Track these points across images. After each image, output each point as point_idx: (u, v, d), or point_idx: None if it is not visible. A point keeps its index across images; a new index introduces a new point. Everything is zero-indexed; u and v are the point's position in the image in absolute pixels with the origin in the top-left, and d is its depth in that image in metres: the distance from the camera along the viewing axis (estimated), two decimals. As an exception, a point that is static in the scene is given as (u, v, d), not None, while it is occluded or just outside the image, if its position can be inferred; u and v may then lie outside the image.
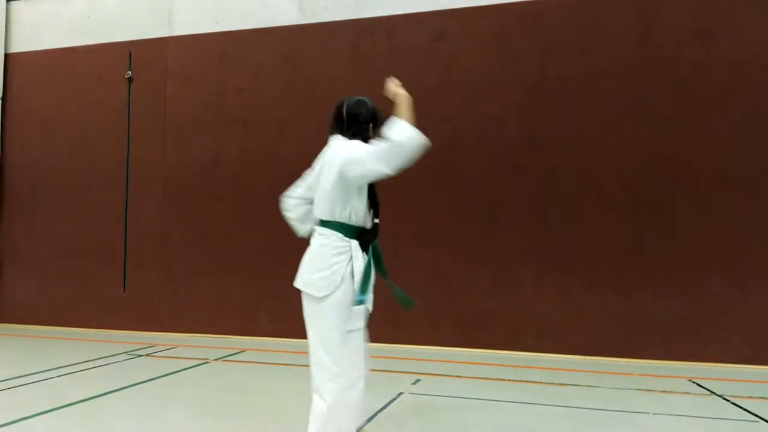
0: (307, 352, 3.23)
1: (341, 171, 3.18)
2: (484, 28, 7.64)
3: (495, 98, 7.55)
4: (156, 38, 8.93)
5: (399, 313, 7.65)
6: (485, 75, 7.60)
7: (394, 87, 3.34)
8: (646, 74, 7.12)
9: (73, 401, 4.83)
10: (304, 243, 3.33)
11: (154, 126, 8.85)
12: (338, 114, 3.42)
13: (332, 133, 3.43)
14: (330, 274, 3.17)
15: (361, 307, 3.23)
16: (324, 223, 3.29)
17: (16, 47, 9.71)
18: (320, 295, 3.16)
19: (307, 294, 3.23)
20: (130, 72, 9.00)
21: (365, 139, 3.35)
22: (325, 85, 8.07)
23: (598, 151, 7.21)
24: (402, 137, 3.08)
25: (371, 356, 3.34)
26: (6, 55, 9.67)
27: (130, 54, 9.05)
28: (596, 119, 7.23)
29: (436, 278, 7.59)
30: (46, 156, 9.39)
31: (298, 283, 3.29)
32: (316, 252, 3.27)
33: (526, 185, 7.40)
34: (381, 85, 7.74)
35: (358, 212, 3.28)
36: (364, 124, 3.38)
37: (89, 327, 8.92)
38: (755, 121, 6.82)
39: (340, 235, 3.24)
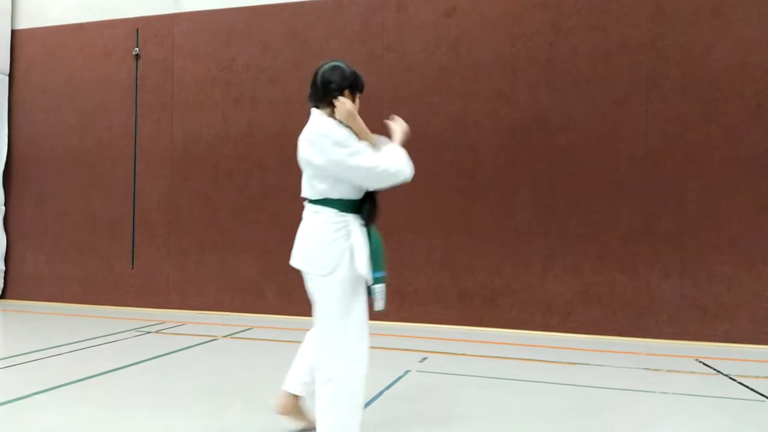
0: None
1: (332, 161, 3.10)
2: (494, 4, 7.55)
3: (505, 75, 7.48)
4: (163, 14, 8.88)
5: (407, 291, 7.71)
6: (496, 51, 7.52)
7: (398, 125, 3.39)
8: (658, 52, 7.04)
9: (82, 377, 4.87)
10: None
11: (162, 102, 8.83)
12: (314, 82, 3.28)
13: (310, 102, 3.32)
14: (331, 251, 3.14)
15: (369, 284, 3.18)
16: (316, 202, 3.23)
17: (23, 23, 9.67)
18: (324, 273, 3.14)
19: (309, 273, 3.22)
20: (137, 48, 8.97)
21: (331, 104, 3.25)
22: (334, 61, 8.03)
23: (608, 129, 7.16)
24: (398, 166, 3.14)
25: (371, 333, 3.30)
26: (13, 32, 9.64)
27: (137, 30, 9.00)
28: (607, 97, 7.17)
29: (445, 256, 7.59)
30: (53, 132, 9.40)
31: (297, 263, 3.29)
32: (314, 230, 3.22)
33: (536, 163, 7.36)
34: (390, 62, 7.78)
35: (350, 187, 3.20)
36: (336, 92, 3.22)
37: (98, 304, 8.99)
38: (767, 100, 6.75)
39: (335, 210, 3.18)
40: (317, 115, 3.25)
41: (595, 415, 4.14)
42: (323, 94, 3.24)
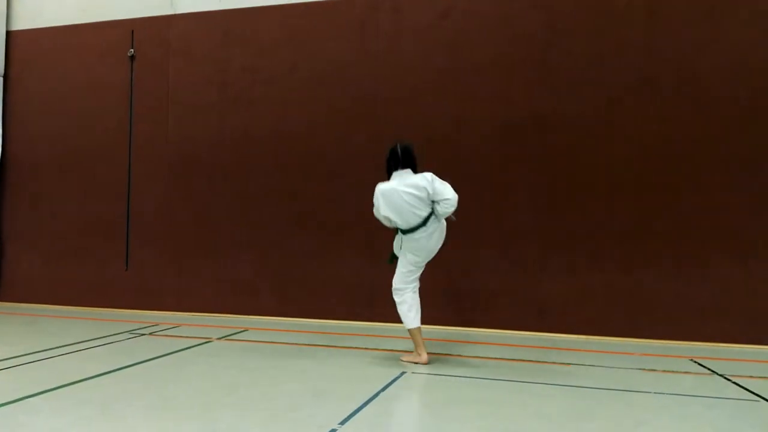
0: (307, 332, 3.26)
1: (431, 194, 5.40)
2: (490, 5, 7.57)
3: (501, 76, 7.50)
4: (159, 16, 8.87)
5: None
6: (492, 53, 7.54)
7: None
8: (652, 53, 7.06)
9: (76, 380, 4.84)
10: (305, 223, 3.39)
11: (158, 104, 8.82)
12: (394, 153, 5.52)
13: (393, 167, 5.51)
14: None
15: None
16: (428, 218, 5.53)
17: (18, 25, 9.66)
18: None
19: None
20: (132, 50, 8.96)
21: (416, 168, 5.54)
22: (330, 63, 8.04)
23: (603, 129, 7.18)
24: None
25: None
26: (7, 33, 9.63)
27: (132, 32, 9.00)
28: (602, 98, 7.19)
29: (439, 257, 7.54)
30: (48, 134, 9.38)
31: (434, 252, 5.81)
32: (442, 229, 5.76)
33: (531, 163, 7.37)
34: (386, 63, 7.78)
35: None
36: (415, 159, 5.59)
37: (92, 306, 8.97)
38: (761, 101, 6.77)
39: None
40: (410, 172, 5.52)
41: (589, 416, 4.14)
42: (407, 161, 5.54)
